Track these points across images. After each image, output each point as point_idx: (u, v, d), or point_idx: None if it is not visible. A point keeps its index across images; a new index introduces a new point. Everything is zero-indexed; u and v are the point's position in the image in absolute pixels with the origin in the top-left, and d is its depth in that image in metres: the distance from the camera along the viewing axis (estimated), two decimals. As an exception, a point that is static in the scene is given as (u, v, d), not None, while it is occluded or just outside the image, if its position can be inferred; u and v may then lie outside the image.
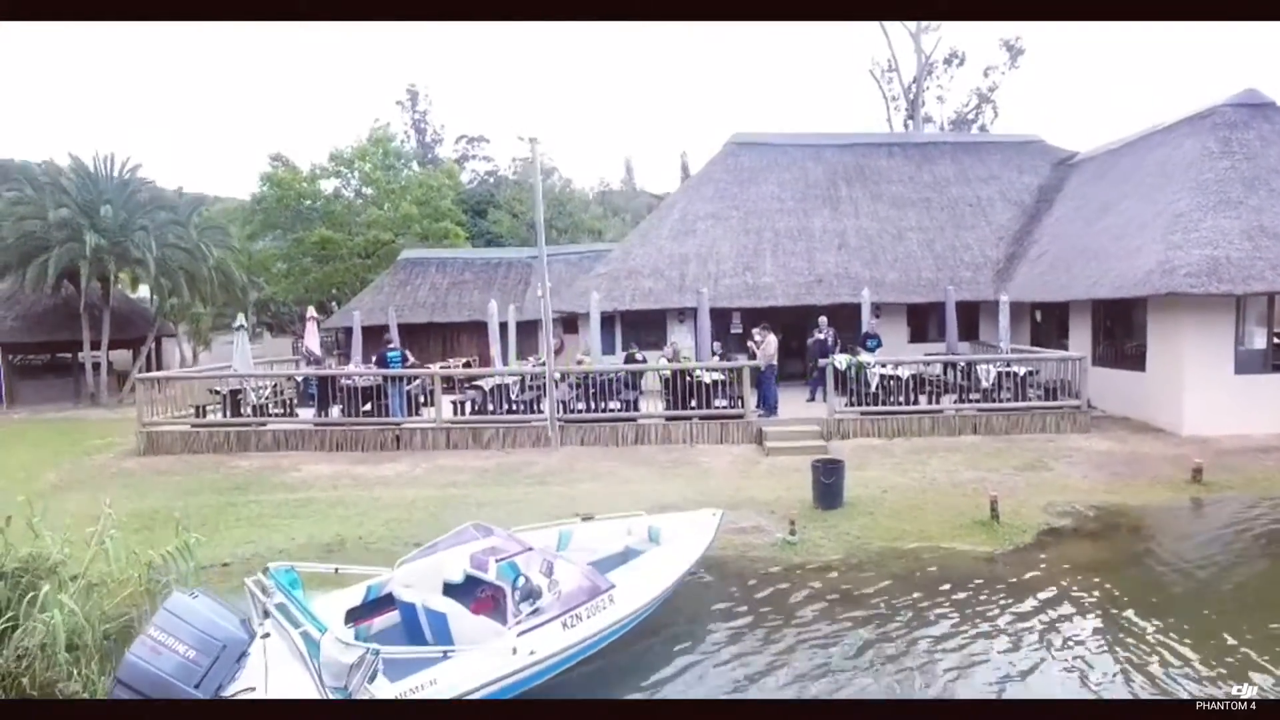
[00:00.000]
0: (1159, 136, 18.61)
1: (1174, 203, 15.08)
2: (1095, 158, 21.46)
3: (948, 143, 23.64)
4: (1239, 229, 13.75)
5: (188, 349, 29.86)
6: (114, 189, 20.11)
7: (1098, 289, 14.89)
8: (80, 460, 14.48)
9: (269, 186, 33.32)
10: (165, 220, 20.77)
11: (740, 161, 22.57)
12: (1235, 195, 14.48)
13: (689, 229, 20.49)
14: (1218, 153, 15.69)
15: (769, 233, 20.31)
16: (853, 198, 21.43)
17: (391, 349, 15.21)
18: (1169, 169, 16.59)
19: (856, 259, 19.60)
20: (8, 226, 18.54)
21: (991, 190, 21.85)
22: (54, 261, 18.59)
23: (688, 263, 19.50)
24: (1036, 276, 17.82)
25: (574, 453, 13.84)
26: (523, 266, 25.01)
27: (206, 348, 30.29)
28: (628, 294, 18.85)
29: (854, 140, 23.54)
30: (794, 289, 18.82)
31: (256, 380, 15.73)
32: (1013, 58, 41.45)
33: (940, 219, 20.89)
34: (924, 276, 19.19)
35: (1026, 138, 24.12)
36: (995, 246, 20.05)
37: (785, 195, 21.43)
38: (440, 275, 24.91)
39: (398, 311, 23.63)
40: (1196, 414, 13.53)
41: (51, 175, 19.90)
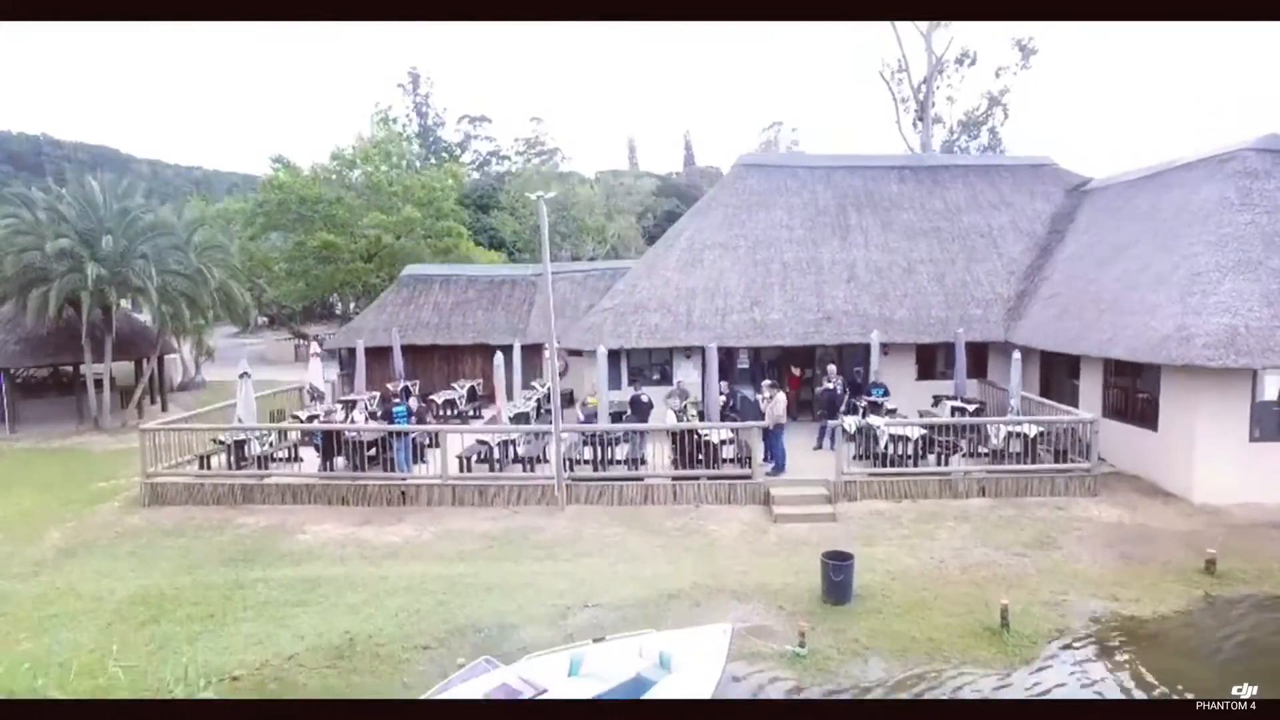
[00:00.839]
0: (1175, 175, 18.27)
1: (1191, 257, 14.83)
2: (1109, 188, 21.11)
3: (960, 166, 23.25)
4: (1259, 293, 13.53)
5: (189, 359, 29.71)
6: (114, 217, 19.81)
7: (1111, 348, 14.70)
8: (84, 513, 14.42)
9: (270, 191, 32.94)
10: (166, 246, 20.50)
11: (749, 185, 22.21)
12: (1255, 254, 14.23)
13: (696, 259, 20.22)
14: (1237, 204, 15.39)
15: (777, 264, 20.05)
16: (863, 226, 21.12)
17: (398, 404, 15.04)
18: (1186, 216, 16.29)
19: (866, 294, 19.37)
20: (9, 260, 18.31)
21: (1003, 218, 21.52)
22: (55, 293, 18.41)
23: (695, 297, 19.28)
24: (1048, 320, 17.60)
25: (581, 513, 13.78)
26: (526, 285, 24.76)
27: (209, 358, 30.13)
28: (634, 331, 18.66)
29: (864, 163, 23.15)
30: (802, 326, 18.63)
31: (261, 431, 15.57)
32: (1024, 57, 40.71)
33: (951, 250, 20.60)
34: (933, 314, 18.98)
35: (1039, 160, 23.71)
36: (1006, 282, 19.80)
37: (794, 223, 21.12)
38: (444, 294, 24.68)
39: (401, 333, 23.51)
40: (1208, 481, 13.45)
41: (51, 202, 19.61)
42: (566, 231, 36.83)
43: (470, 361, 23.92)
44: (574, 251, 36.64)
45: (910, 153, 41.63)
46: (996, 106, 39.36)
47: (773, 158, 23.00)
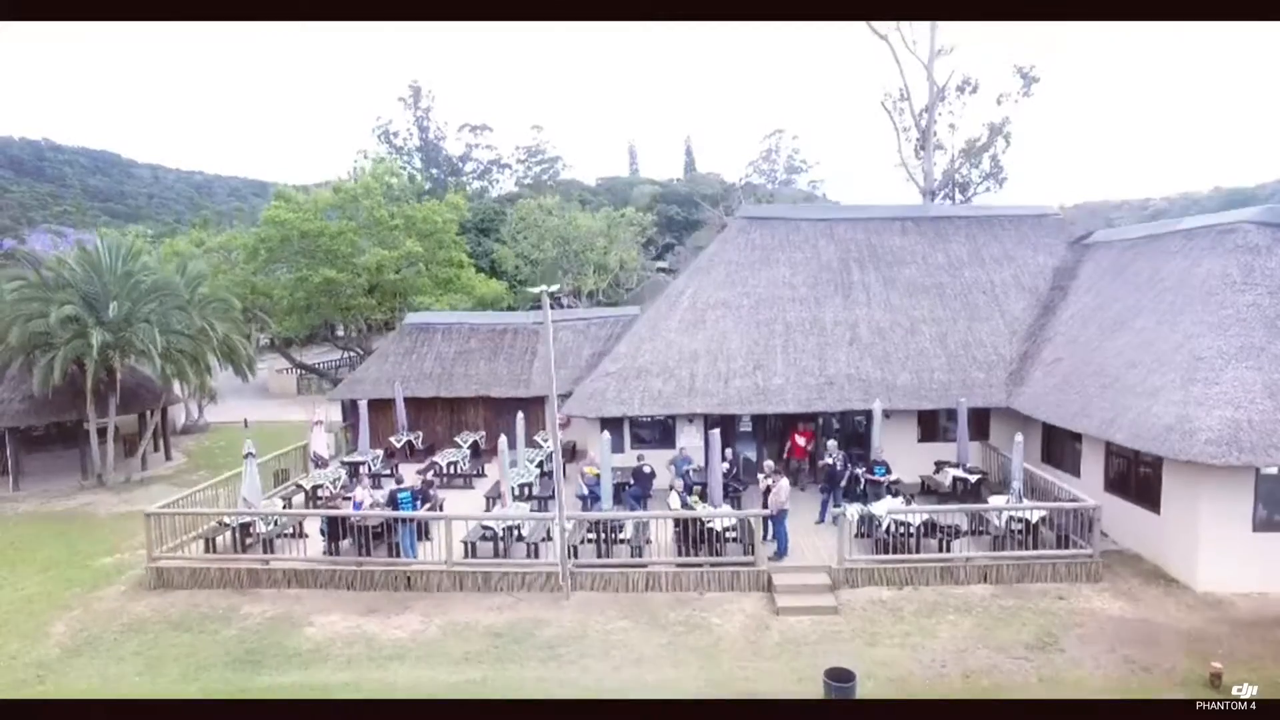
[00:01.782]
0: (1177, 241, 18.30)
1: (1194, 338, 14.86)
2: (1111, 244, 21.14)
3: (962, 217, 23.26)
4: (1261, 383, 13.55)
5: (192, 402, 29.77)
6: (117, 280, 19.86)
7: (1114, 431, 14.72)
8: (89, 598, 14.47)
9: (273, 227, 32.98)
10: (169, 307, 20.56)
11: (751, 239, 22.25)
12: (1258, 340, 14.25)
13: (699, 319, 20.26)
14: (1239, 282, 15.42)
15: (780, 325, 20.09)
16: (865, 283, 21.14)
17: (403, 491, 15.07)
18: (1188, 290, 16.31)
19: (868, 356, 19.40)
20: (15, 330, 18.38)
21: (1005, 274, 21.54)
22: (61, 360, 18.49)
23: (697, 360, 19.32)
24: (1050, 389, 17.62)
25: (586, 602, 13.81)
26: (528, 334, 24.80)
27: (212, 399, 30.19)
28: (637, 397, 18.70)
29: (867, 214, 23.18)
30: (805, 392, 18.66)
31: (266, 513, 15.62)
32: (1026, 85, 40.64)
33: (954, 308, 20.62)
34: (936, 378, 19.00)
35: (1041, 210, 23.76)
36: (1009, 342, 19.82)
37: (797, 280, 21.16)
38: (446, 343, 24.72)
39: (404, 384, 23.59)
40: (1212, 569, 13.47)
41: (56, 266, 19.68)
42: (568, 266, 36.83)
43: (473, 412, 23.98)
44: (575, 283, 36.69)
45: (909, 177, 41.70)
46: (998, 136, 39.25)
47: (775, 210, 23.04)
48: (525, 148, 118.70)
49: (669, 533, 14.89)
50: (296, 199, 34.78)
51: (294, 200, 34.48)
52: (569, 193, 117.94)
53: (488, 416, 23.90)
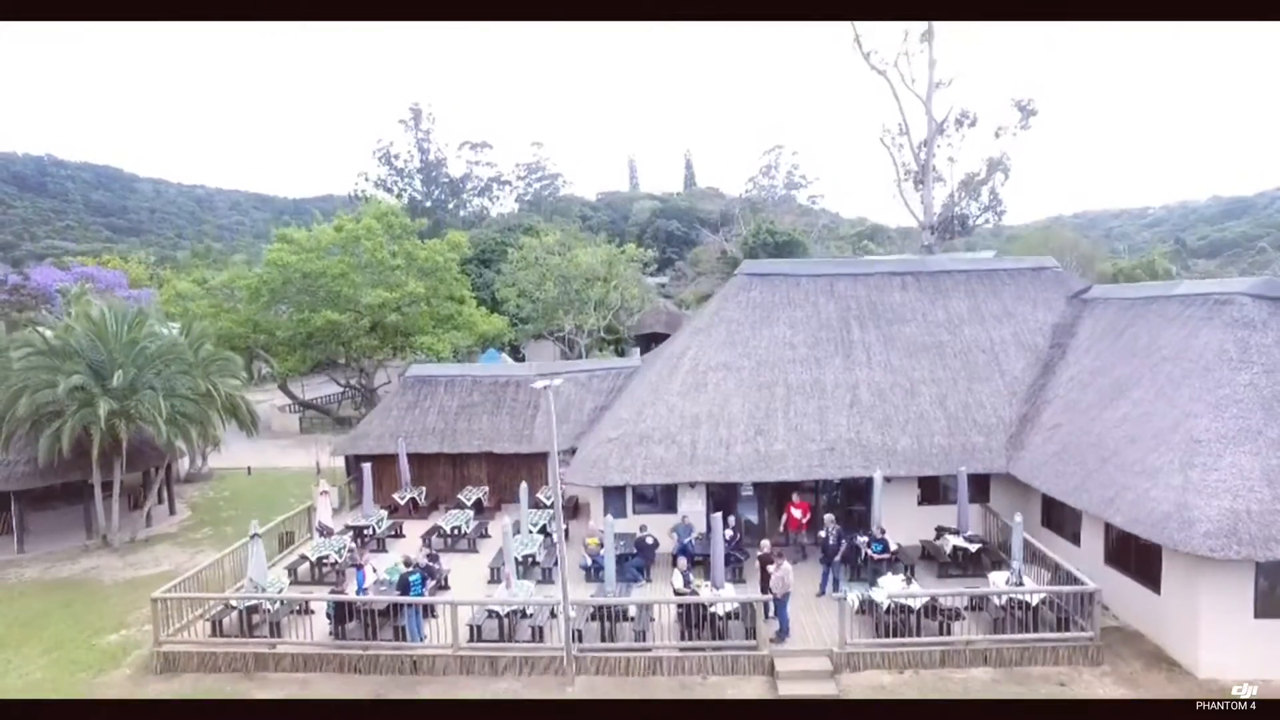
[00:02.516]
0: (1174, 307, 18.44)
1: (1192, 417, 14.98)
2: (1109, 302, 21.27)
3: (962, 271, 23.39)
4: (1259, 470, 13.64)
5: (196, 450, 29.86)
6: (123, 348, 20.02)
7: (1113, 513, 14.82)
8: (96, 685, 14.52)
9: (275, 270, 33.17)
10: (174, 372, 20.71)
11: (752, 297, 22.40)
12: (1255, 423, 14.35)
13: (700, 382, 20.39)
14: (1236, 359, 15.54)
15: (781, 387, 20.22)
16: (865, 342, 21.28)
17: (413, 573, 15.17)
18: (1185, 363, 16.43)
19: (869, 420, 19.52)
20: (23, 401, 18.52)
21: (1005, 331, 21.68)
22: (68, 432, 18.63)
23: (699, 426, 19.43)
24: (1050, 458, 17.71)
25: (590, 687, 13.90)
26: (530, 386, 24.88)
27: (215, 447, 30.30)
28: (639, 464, 18.82)
29: (867, 269, 23.37)
30: (806, 459, 18.77)
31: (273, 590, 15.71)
32: (1024, 117, 40.93)
33: (954, 367, 20.75)
34: (936, 442, 19.11)
35: (1040, 264, 23.94)
36: (1008, 404, 19.93)
37: (797, 339, 21.30)
38: (449, 396, 24.86)
39: (407, 439, 23.73)
40: (1213, 655, 13.53)
41: (63, 335, 19.85)
42: (569, 305, 36.96)
43: (476, 467, 24.11)
44: (577, 320, 36.84)
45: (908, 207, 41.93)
46: (997, 169, 39.51)
47: (776, 266, 23.18)
48: (525, 164, 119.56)
49: (672, 612, 15.00)
50: (298, 239, 34.98)
51: (296, 241, 34.68)
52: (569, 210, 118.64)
53: (491, 471, 24.03)
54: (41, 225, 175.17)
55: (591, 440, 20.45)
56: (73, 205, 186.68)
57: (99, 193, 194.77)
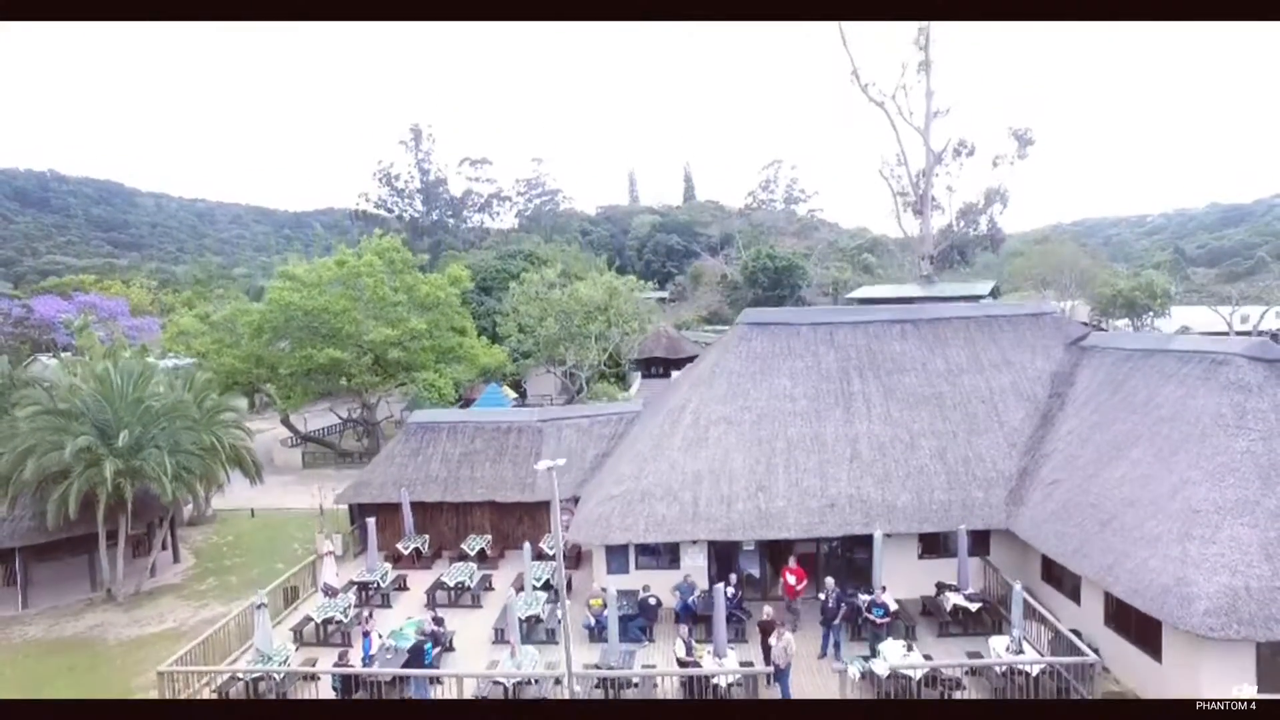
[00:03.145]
0: (1172, 363, 18.62)
1: (1190, 484, 15.12)
2: (1107, 352, 21.40)
3: (961, 317, 23.54)
4: (1258, 543, 13.76)
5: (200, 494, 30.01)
6: (128, 407, 20.18)
7: (1112, 581, 14.93)
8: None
9: (277, 311, 33.36)
10: (180, 428, 20.87)
11: (753, 347, 22.56)
12: (1252, 493, 14.48)
13: (701, 436, 20.52)
14: (1233, 425, 15.69)
15: (781, 441, 20.35)
16: (865, 394, 21.42)
17: (426, 641, 15.30)
18: (1183, 424, 16.59)
19: (869, 475, 19.63)
20: (30, 464, 18.67)
21: (1004, 380, 21.81)
22: (75, 495, 18.79)
23: (700, 482, 19.55)
24: (1049, 516, 17.81)
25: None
26: (533, 432, 25.08)
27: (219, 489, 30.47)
28: (641, 523, 18.92)
29: (867, 317, 23.56)
30: (807, 516, 18.88)
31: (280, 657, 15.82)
32: (1022, 147, 41.23)
33: (953, 419, 20.87)
34: (936, 498, 19.22)
35: (1038, 309, 24.10)
36: (1008, 457, 20.04)
37: (798, 391, 21.44)
38: (451, 443, 24.99)
39: (410, 488, 23.87)
40: (1212, 728, 13.59)
41: (69, 395, 20.01)
42: (569, 342, 37.11)
43: (480, 515, 24.21)
44: (578, 356, 37.03)
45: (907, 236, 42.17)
46: (995, 200, 39.78)
47: (776, 315, 23.36)
48: (525, 180, 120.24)
49: (675, 680, 15.11)
50: (300, 275, 35.16)
51: (297, 278, 34.87)
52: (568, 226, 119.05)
53: (494, 519, 24.15)
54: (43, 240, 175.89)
55: (594, 495, 20.56)
56: (74, 220, 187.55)
57: (100, 207, 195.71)
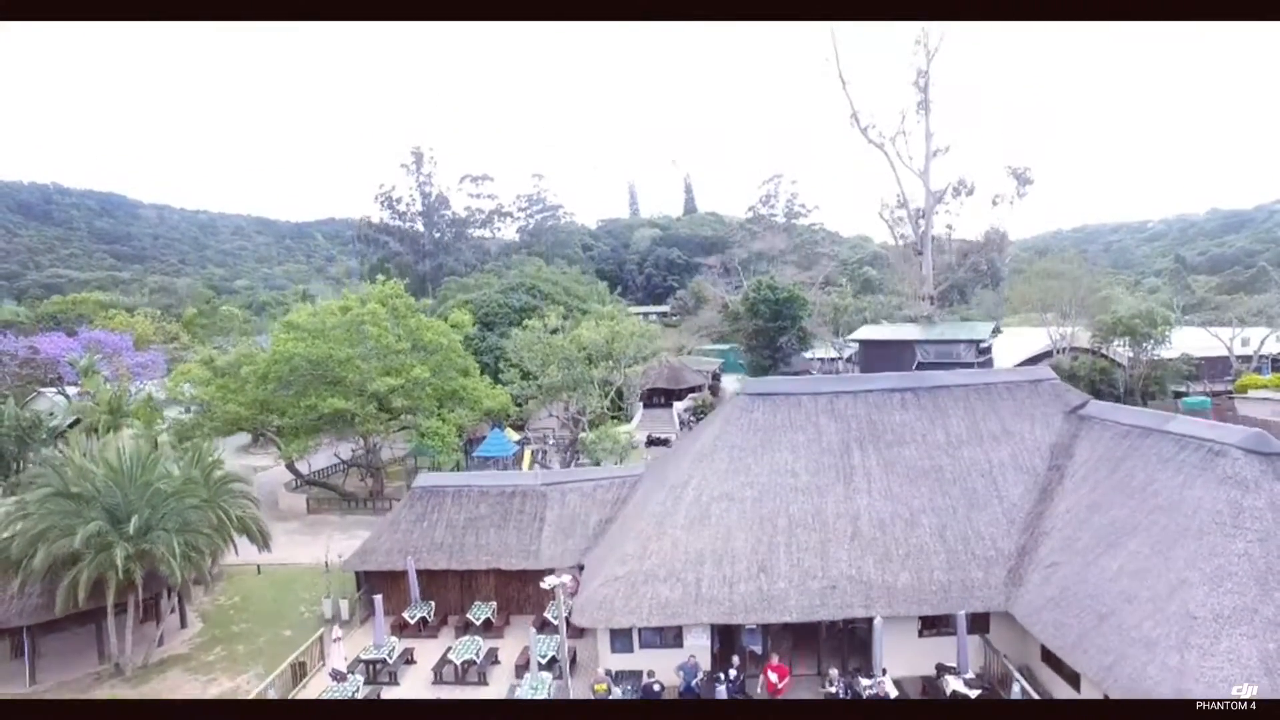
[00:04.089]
0: (1169, 446, 18.83)
1: (1188, 585, 15.31)
2: (1105, 425, 21.60)
3: (960, 385, 23.75)
4: (1257, 655, 13.94)
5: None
6: (137, 490, 20.43)
7: (1111, 684, 15.09)
8: None
9: (281, 363, 33.61)
10: (188, 506, 21.11)
11: (754, 419, 22.77)
12: (1250, 599, 14.66)
13: (704, 514, 20.74)
14: (1229, 525, 15.88)
15: (783, 519, 20.56)
16: (866, 467, 21.62)
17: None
18: (1180, 517, 16.78)
19: (869, 554, 19.83)
20: (41, 553, 18.91)
21: (1003, 453, 22.00)
22: (85, 582, 19.01)
23: (703, 563, 19.76)
24: (1048, 602, 17.97)
25: None
26: (537, 497, 25.30)
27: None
28: (645, 606, 19.12)
29: (867, 386, 23.76)
30: (808, 597, 19.08)
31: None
32: (1021, 185, 41.44)
33: (953, 494, 21.06)
34: (936, 578, 19.40)
35: (1037, 375, 24.26)
36: (1007, 534, 20.22)
37: (799, 466, 21.65)
38: (456, 508, 25.21)
39: (415, 555, 24.10)
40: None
41: (79, 480, 20.26)
42: (572, 391, 37.34)
43: (485, 582, 24.41)
44: (581, 402, 37.29)
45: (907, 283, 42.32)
46: (996, 241, 39.98)
47: (777, 385, 23.54)
48: (526, 196, 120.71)
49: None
50: (303, 324, 35.37)
51: (300, 326, 35.09)
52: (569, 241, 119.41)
53: (499, 586, 24.36)
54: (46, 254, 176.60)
55: (598, 571, 20.76)
56: (77, 233, 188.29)
57: (103, 220, 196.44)
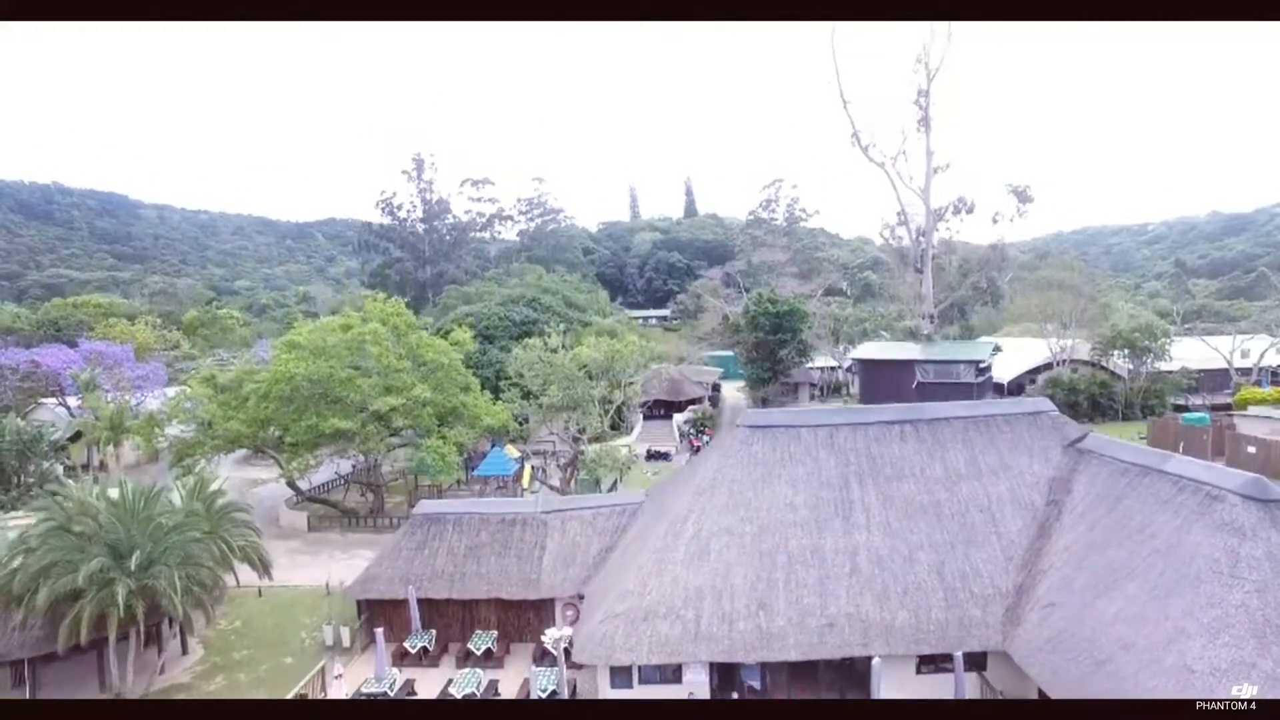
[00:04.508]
0: (1167, 488, 18.93)
1: (1185, 636, 15.40)
2: (1104, 460, 21.66)
3: (959, 418, 23.81)
4: (1251, 710, 14.00)
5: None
6: (139, 525, 20.51)
7: (1107, 735, 15.18)
8: None
9: (282, 383, 33.69)
10: (190, 540, 21.19)
11: (754, 452, 22.86)
12: (1248, 654, 14.73)
13: (703, 549, 20.84)
14: (1226, 573, 15.96)
15: (782, 555, 20.66)
16: (865, 502, 21.71)
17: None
18: (1178, 563, 16.87)
19: (868, 591, 19.92)
20: (44, 592, 18.99)
21: (1001, 488, 22.07)
22: (87, 618, 19.10)
23: (703, 599, 19.86)
24: (1044, 644, 18.04)
25: None
26: (537, 525, 25.39)
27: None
28: (645, 644, 19.22)
29: (866, 419, 23.83)
30: (806, 635, 19.18)
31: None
32: (1021, 204, 41.47)
33: (951, 530, 21.14)
34: (934, 616, 19.49)
35: (1036, 407, 24.32)
36: (1005, 571, 20.30)
37: (798, 500, 21.74)
38: (457, 536, 25.30)
39: (416, 584, 24.19)
40: None
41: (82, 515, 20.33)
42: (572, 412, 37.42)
43: (486, 610, 24.51)
44: (581, 422, 37.38)
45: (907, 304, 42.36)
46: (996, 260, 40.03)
47: (776, 418, 23.65)
48: (527, 199, 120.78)
49: None
50: (304, 342, 35.43)
51: (301, 345, 35.16)
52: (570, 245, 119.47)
53: (500, 615, 24.46)
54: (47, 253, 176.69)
55: (598, 606, 20.86)
56: (78, 233, 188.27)
57: (104, 220, 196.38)
